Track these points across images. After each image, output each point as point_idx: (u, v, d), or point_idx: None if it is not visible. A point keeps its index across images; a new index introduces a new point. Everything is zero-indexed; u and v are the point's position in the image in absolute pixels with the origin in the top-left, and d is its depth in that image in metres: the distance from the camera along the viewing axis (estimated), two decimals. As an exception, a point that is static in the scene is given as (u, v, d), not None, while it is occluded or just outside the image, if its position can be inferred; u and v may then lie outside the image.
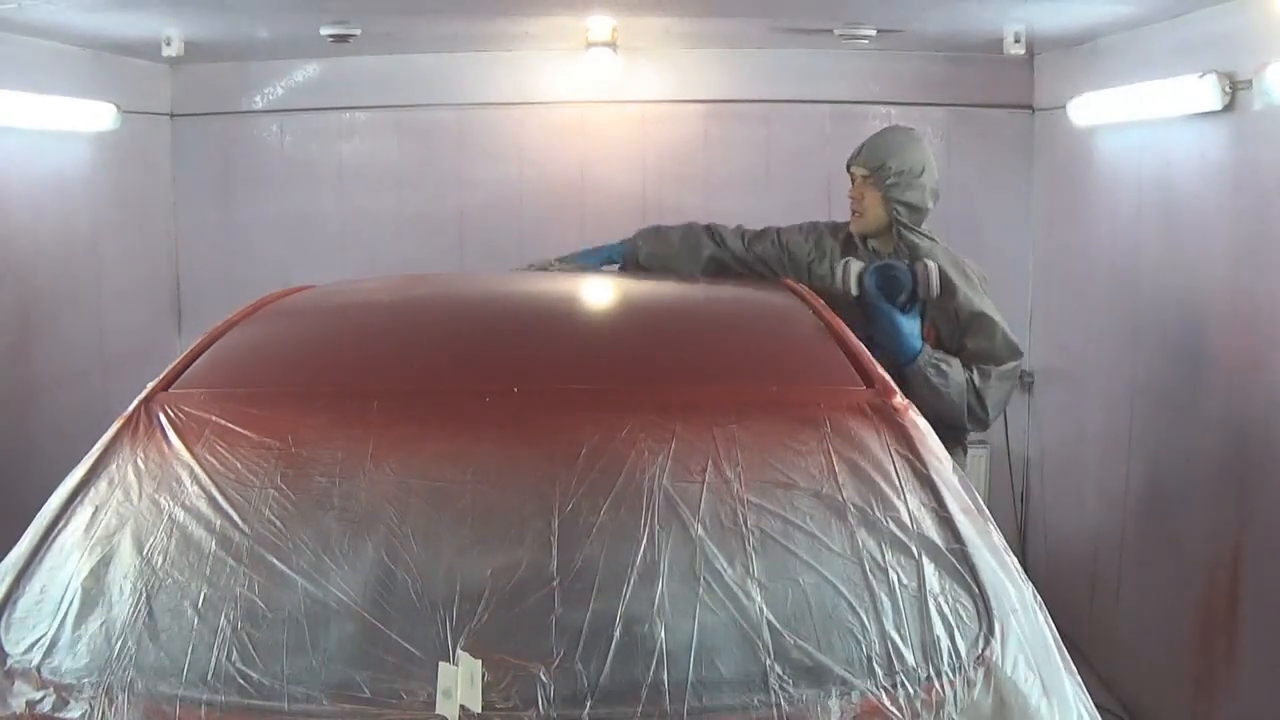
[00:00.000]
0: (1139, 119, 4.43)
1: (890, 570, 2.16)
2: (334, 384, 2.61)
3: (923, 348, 3.73)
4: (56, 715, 2.03)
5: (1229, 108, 3.72)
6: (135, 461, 2.38)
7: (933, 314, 3.80)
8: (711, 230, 4.17)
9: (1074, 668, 2.14)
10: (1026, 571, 2.30)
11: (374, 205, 5.76)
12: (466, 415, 2.44)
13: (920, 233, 3.91)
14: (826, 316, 3.03)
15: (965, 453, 4.00)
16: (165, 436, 2.41)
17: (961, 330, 3.80)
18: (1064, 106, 4.97)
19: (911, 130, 4.08)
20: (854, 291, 3.72)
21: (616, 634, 2.04)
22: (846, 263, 3.78)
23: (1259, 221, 3.65)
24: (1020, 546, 5.69)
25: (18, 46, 4.37)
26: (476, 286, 3.63)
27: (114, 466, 2.39)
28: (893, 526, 2.22)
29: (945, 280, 3.74)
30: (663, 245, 4.19)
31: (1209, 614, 3.98)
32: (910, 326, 3.72)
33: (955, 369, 3.75)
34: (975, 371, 3.77)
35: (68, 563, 2.25)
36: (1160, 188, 4.33)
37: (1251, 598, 3.73)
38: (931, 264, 3.73)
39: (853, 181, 3.99)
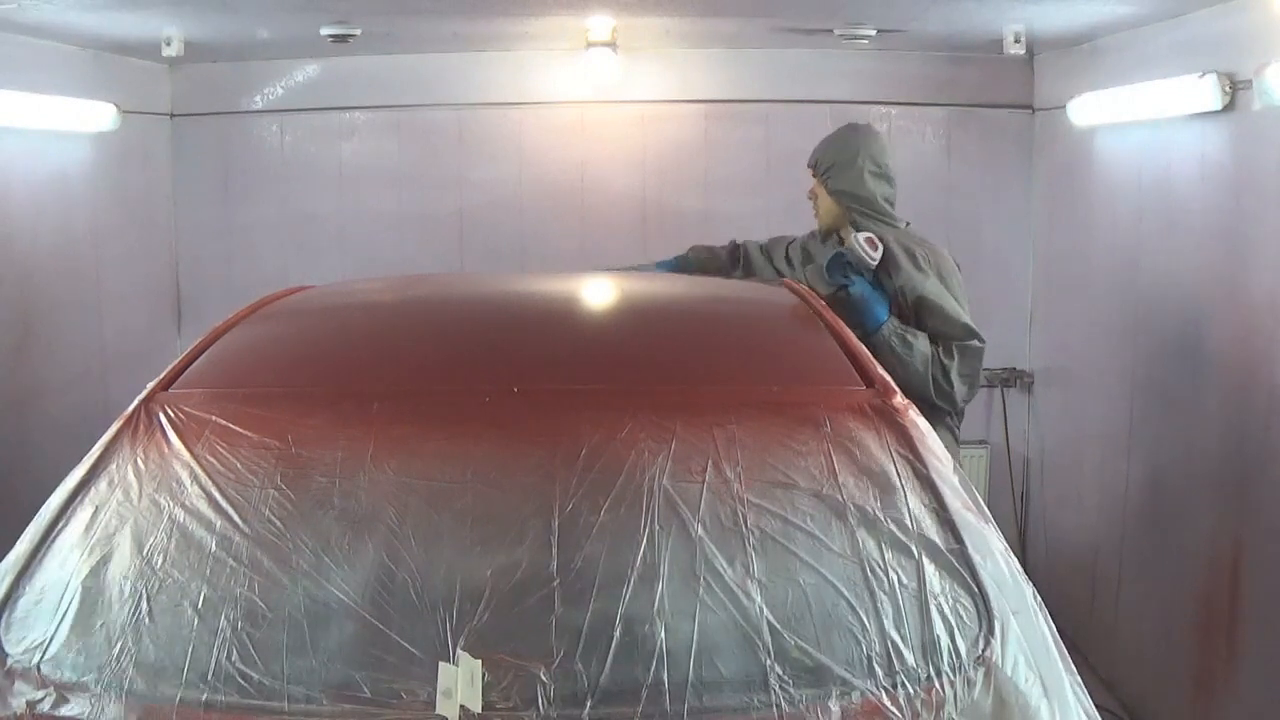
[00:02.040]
0: (1139, 119, 4.43)
1: (890, 570, 2.16)
2: (334, 384, 2.61)
3: (889, 319, 3.86)
4: (56, 715, 2.03)
5: (1229, 108, 3.72)
6: (135, 461, 2.38)
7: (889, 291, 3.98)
8: (743, 250, 4.44)
9: (1074, 668, 2.13)
10: (1026, 571, 2.30)
11: (374, 205, 5.76)
12: (466, 415, 2.44)
13: (878, 218, 4.06)
14: (827, 317, 3.03)
15: (957, 441, 4.08)
16: (165, 436, 2.41)
17: (912, 312, 3.93)
18: (1064, 106, 4.98)
19: (854, 124, 4.25)
20: (826, 290, 3.85)
21: (616, 634, 2.04)
22: (805, 271, 4.13)
23: (1259, 221, 3.65)
24: (1020, 546, 5.70)
25: (18, 46, 4.37)
26: (476, 287, 3.63)
27: (114, 466, 2.39)
28: (893, 526, 2.22)
29: (889, 255, 3.90)
30: (710, 263, 4.42)
31: (1209, 614, 3.98)
32: (872, 295, 3.88)
33: (921, 341, 3.87)
34: (940, 347, 3.89)
35: (68, 563, 2.25)
36: (1160, 188, 4.33)
37: (1251, 597, 3.73)
38: (858, 235, 3.92)
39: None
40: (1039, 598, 2.21)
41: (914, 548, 2.19)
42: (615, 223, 5.73)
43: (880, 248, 3.90)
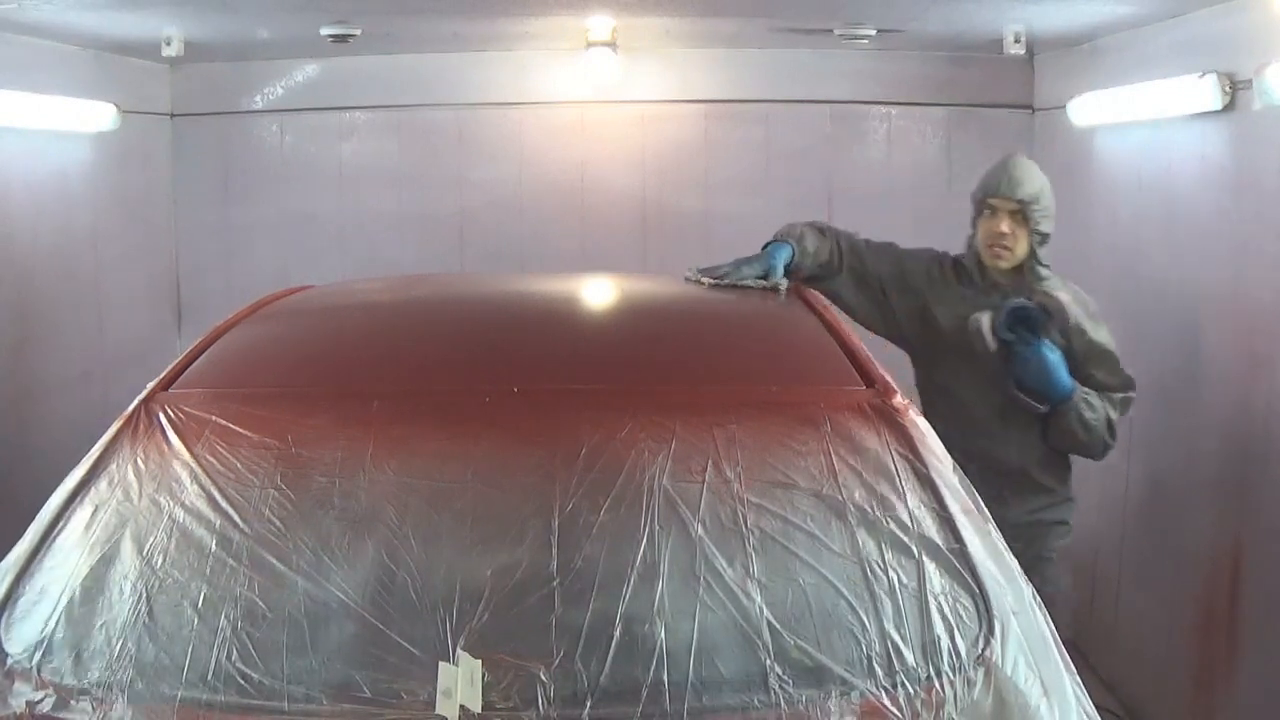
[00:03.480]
0: (1139, 119, 4.43)
1: (890, 570, 2.16)
2: (334, 384, 2.61)
3: (1074, 384, 3.56)
4: (56, 715, 2.03)
5: (1229, 108, 3.72)
6: (135, 461, 2.38)
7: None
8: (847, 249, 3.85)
9: (1074, 668, 2.13)
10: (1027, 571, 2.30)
11: (374, 205, 5.77)
12: (466, 415, 2.44)
13: (1046, 265, 3.74)
14: (827, 317, 3.03)
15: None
16: (165, 436, 2.41)
17: (1079, 363, 3.61)
18: (1064, 106, 4.98)
19: (1032, 161, 3.86)
20: (993, 347, 3.55)
21: (616, 634, 2.04)
22: (976, 320, 3.58)
23: (1259, 221, 3.65)
24: (1020, 546, 5.69)
25: (18, 47, 4.37)
26: (476, 287, 3.63)
27: (114, 466, 2.39)
28: (893, 526, 2.22)
29: (1067, 307, 3.62)
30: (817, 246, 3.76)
31: (1209, 614, 3.98)
32: (1060, 361, 3.54)
33: (1099, 401, 3.59)
34: (1106, 402, 3.61)
35: (68, 563, 2.25)
36: (1160, 188, 4.33)
37: (1251, 597, 3.73)
38: (1061, 296, 3.62)
39: (982, 212, 3.72)
40: (1039, 598, 2.21)
41: (914, 548, 2.19)
42: (615, 223, 5.73)
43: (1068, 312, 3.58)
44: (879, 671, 2.03)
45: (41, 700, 2.05)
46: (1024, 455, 3.69)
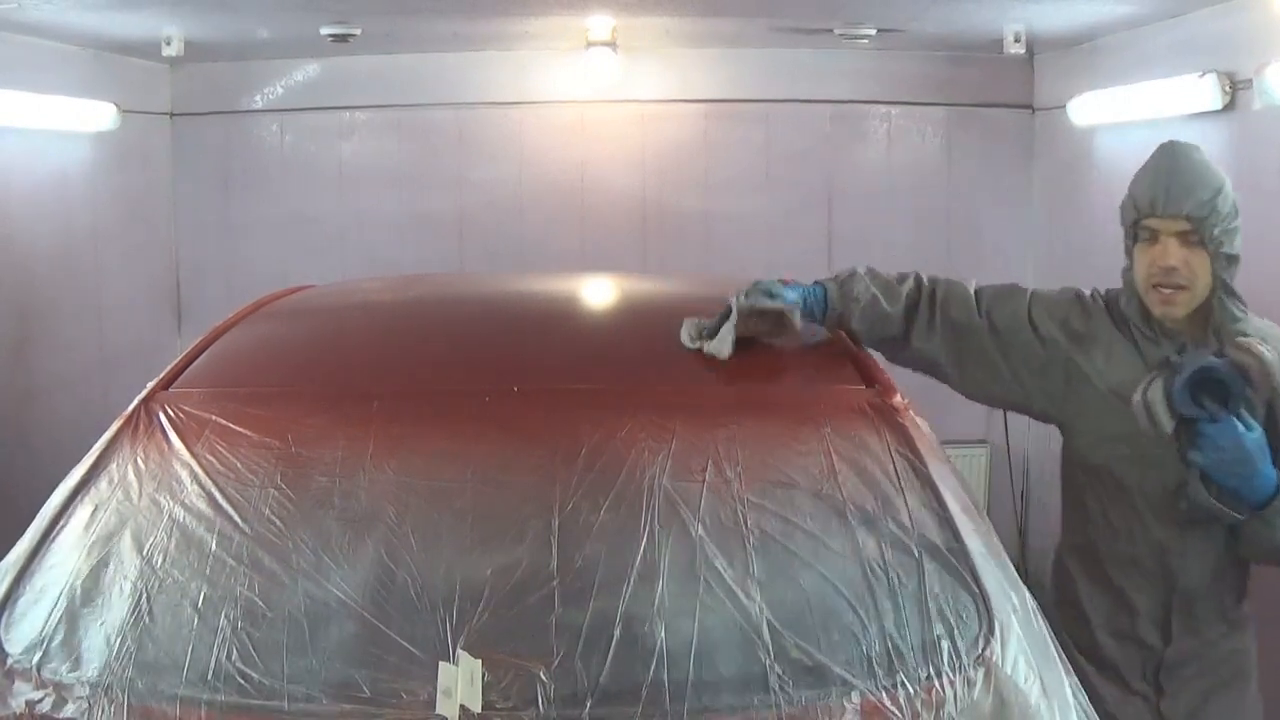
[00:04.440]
0: (1139, 119, 4.43)
1: (890, 570, 2.15)
2: (334, 384, 2.61)
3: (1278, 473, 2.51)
4: (56, 715, 2.03)
5: (1229, 108, 3.73)
6: (135, 461, 2.38)
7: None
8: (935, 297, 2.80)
9: (1073, 668, 2.14)
10: (1026, 571, 2.29)
11: (374, 205, 5.77)
12: (466, 415, 2.44)
13: (1239, 300, 2.68)
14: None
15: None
16: (165, 436, 2.40)
17: (1276, 434, 2.57)
18: (1064, 106, 4.98)
19: (1198, 148, 2.69)
20: (1169, 429, 2.46)
21: (616, 634, 2.04)
22: (1144, 391, 2.48)
23: (1259, 221, 3.65)
24: (1020, 546, 5.69)
25: (18, 46, 4.38)
26: (476, 286, 3.63)
27: (114, 466, 2.38)
28: (893, 526, 2.22)
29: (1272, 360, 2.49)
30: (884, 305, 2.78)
31: (1209, 614, 3.97)
32: (1260, 444, 2.49)
33: None
34: None
35: (68, 562, 2.25)
36: (1160, 188, 4.33)
37: (1251, 597, 3.72)
38: (1266, 350, 2.48)
39: (1138, 238, 2.67)
40: (1035, 599, 2.21)
41: (914, 548, 2.19)
42: (615, 223, 5.74)
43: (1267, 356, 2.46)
44: (879, 671, 2.02)
45: (41, 700, 2.05)
46: (1204, 569, 2.71)
